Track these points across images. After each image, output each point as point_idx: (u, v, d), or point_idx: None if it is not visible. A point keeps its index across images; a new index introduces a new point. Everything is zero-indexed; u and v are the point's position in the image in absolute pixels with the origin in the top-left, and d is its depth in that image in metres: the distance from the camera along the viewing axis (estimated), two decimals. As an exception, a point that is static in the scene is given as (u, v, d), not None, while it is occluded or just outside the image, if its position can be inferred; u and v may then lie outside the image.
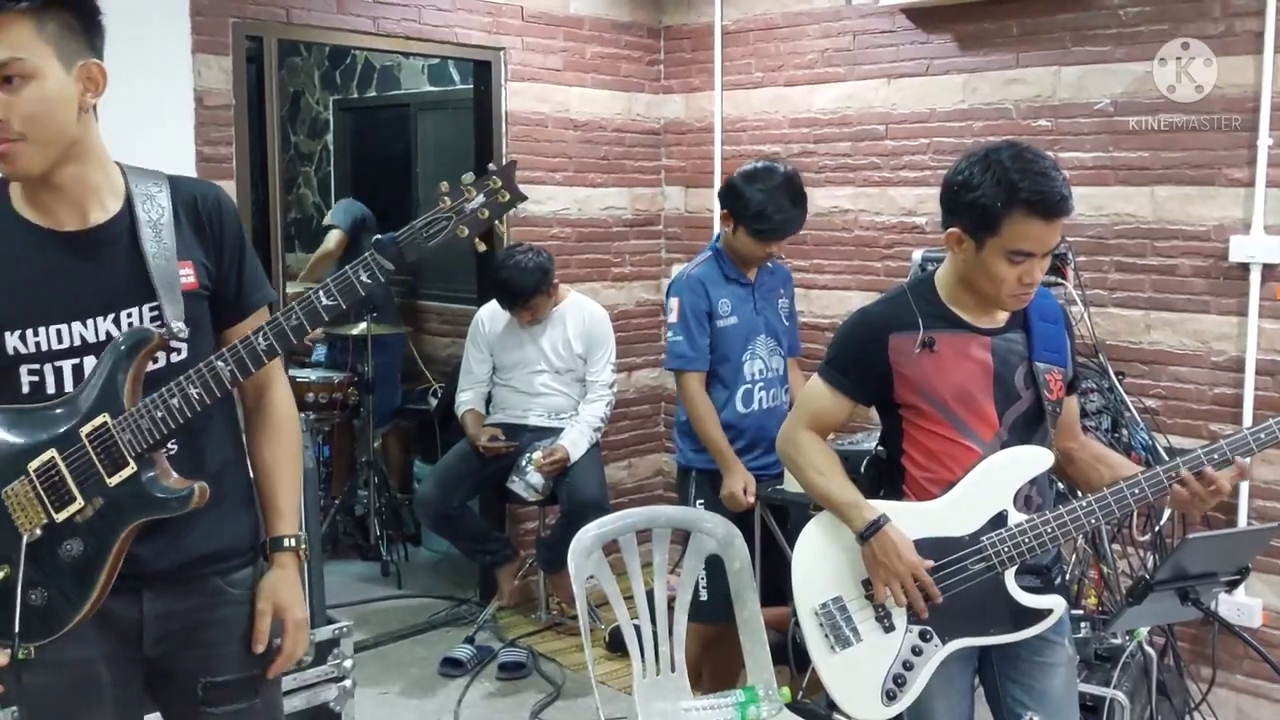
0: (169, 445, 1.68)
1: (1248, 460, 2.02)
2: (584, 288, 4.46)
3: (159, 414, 1.60)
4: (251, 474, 1.84)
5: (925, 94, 4.10)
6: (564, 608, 4.24)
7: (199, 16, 3.58)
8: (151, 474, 1.63)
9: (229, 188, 3.56)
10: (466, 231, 1.61)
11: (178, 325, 1.66)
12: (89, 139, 1.65)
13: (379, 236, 1.64)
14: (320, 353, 5.10)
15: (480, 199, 1.61)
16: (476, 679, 3.85)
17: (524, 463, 3.89)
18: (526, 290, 3.90)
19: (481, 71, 4.47)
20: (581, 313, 4.07)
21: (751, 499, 3.14)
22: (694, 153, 4.82)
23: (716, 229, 4.75)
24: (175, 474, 1.66)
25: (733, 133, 4.69)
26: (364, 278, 1.60)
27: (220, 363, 1.61)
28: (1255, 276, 3.40)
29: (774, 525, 3.30)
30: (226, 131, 3.68)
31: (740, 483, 3.10)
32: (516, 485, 3.89)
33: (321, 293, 1.61)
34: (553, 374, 4.08)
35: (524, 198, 1.67)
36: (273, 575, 1.78)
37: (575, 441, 3.92)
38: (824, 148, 4.41)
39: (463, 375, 4.21)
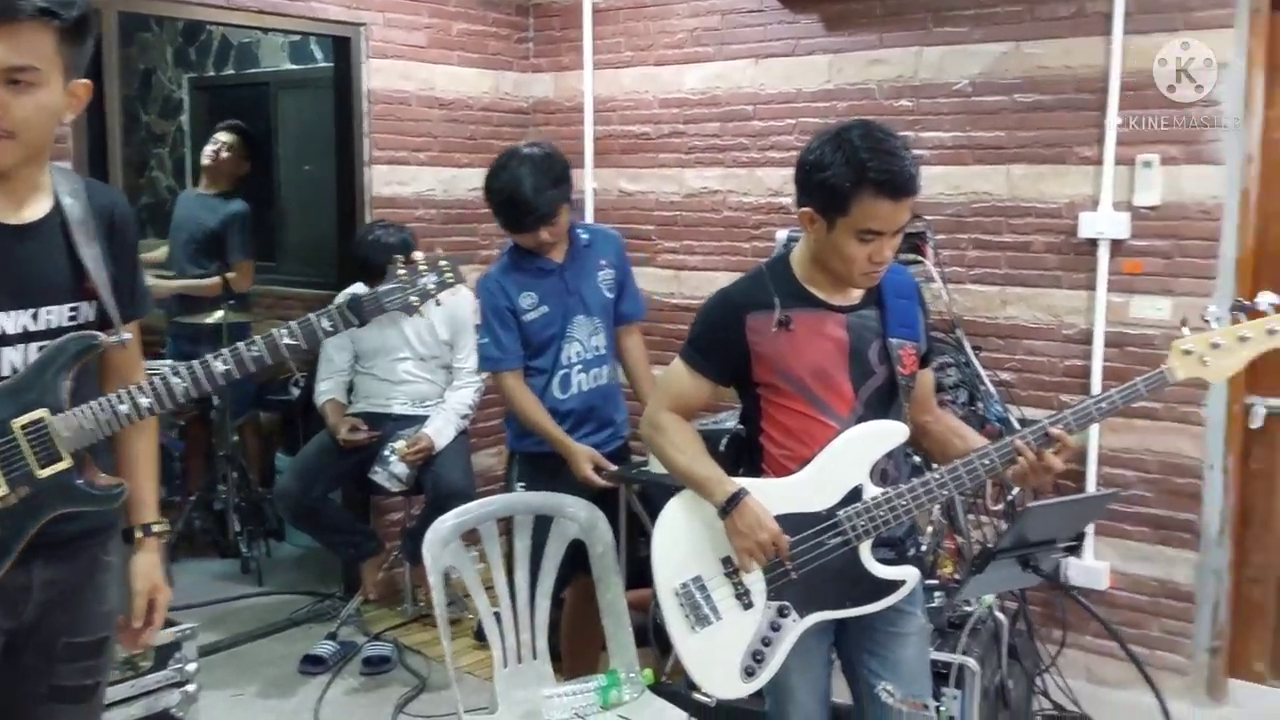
0: None
1: (1069, 434, 2.05)
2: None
3: (104, 417, 1.74)
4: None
5: (792, 74, 4.11)
6: (430, 599, 4.12)
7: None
8: (81, 470, 1.76)
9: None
10: (418, 301, 1.92)
11: (127, 335, 1.81)
12: (50, 143, 1.77)
13: (353, 294, 1.88)
14: (172, 345, 4.86)
15: (433, 278, 1.93)
16: (339, 676, 3.73)
17: (387, 452, 3.77)
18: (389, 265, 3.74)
19: (341, 48, 4.33)
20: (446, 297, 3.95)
21: (602, 479, 3.06)
22: (564, 132, 4.74)
23: (589, 211, 4.73)
24: (99, 471, 1.79)
25: (603, 112, 4.63)
26: (326, 325, 1.85)
27: (176, 379, 1.77)
28: (1103, 252, 3.49)
29: (639, 507, 3.26)
30: (60, 110, 3.45)
31: (586, 464, 3.04)
32: (379, 476, 3.77)
33: (285, 332, 1.82)
34: (417, 361, 3.96)
35: (464, 280, 1.99)
36: (145, 559, 1.93)
37: (441, 429, 3.82)
38: (694, 128, 4.39)
39: (322, 364, 4.06)
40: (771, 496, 2.12)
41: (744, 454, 2.25)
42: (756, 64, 4.19)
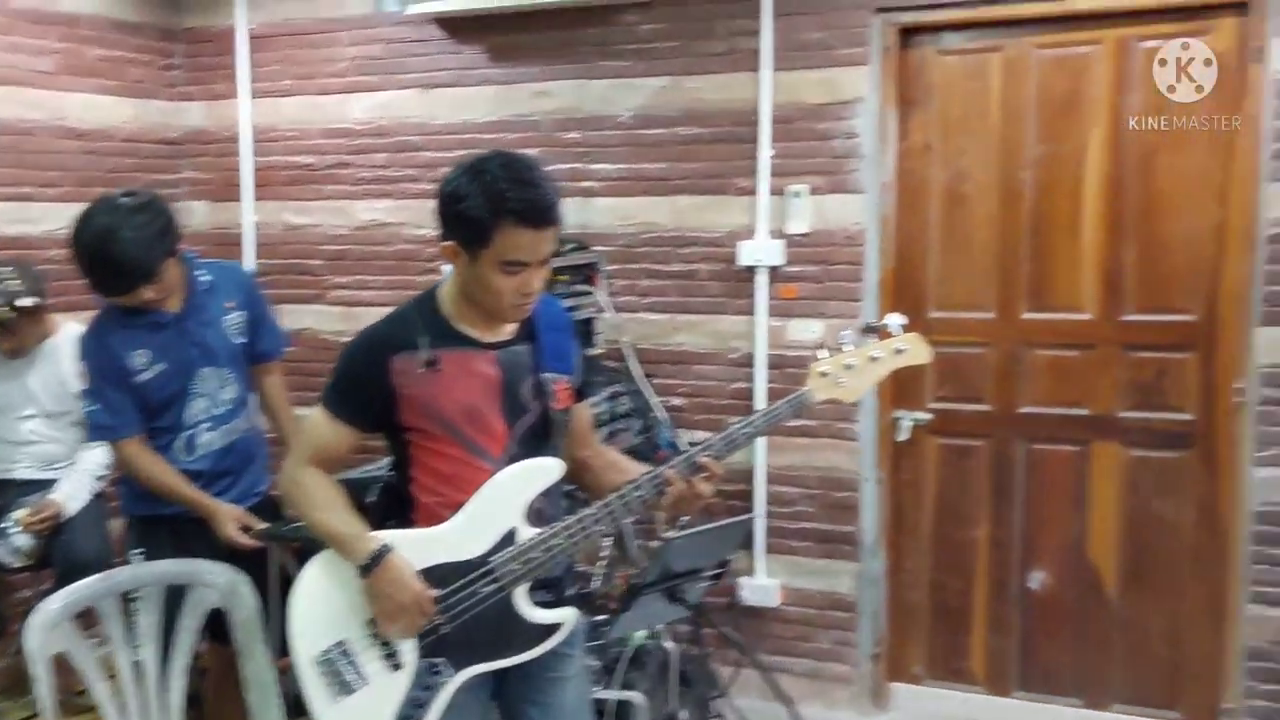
0: None
1: (717, 460, 2.05)
2: (85, 317, 3.90)
3: None
4: None
5: (460, 105, 4.02)
6: (71, 684, 3.66)
7: None
8: None
9: None
10: None
11: None
12: None
13: None
14: None
15: None
16: (-49, 789, 3.24)
17: (6, 524, 3.30)
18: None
19: (-50, 73, 3.83)
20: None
21: (250, 540, 2.81)
22: (220, 164, 4.42)
23: (249, 246, 4.42)
24: None
25: (264, 143, 4.36)
26: None
27: None
28: (761, 278, 3.62)
29: (292, 567, 3.01)
30: None
31: (231, 524, 2.78)
32: (-3, 550, 3.30)
33: None
34: (44, 418, 3.50)
35: (38, 290, 1.82)
36: None
37: (71, 494, 3.38)
38: (361, 159, 4.21)
39: (-72, 426, 3.53)
40: (421, 548, 2.01)
41: (395, 504, 2.11)
42: (424, 94, 4.07)
